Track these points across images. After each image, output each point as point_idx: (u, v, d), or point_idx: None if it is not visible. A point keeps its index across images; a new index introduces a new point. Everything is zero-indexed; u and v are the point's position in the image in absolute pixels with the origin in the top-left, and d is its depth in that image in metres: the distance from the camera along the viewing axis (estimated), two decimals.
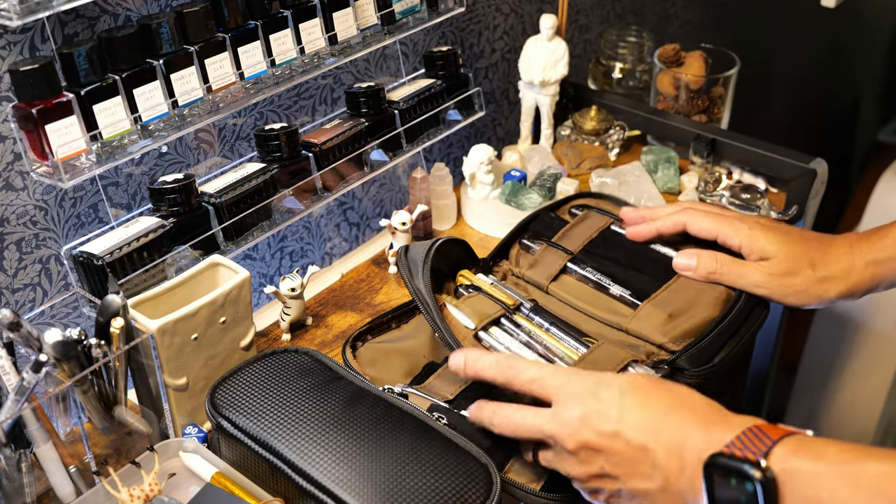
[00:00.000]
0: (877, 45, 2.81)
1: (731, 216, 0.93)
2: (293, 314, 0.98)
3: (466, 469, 0.72)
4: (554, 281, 0.96)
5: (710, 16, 1.94)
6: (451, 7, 1.17)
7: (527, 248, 1.01)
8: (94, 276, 0.87)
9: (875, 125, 2.91)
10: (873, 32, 2.74)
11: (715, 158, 1.25)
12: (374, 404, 0.78)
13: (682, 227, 0.94)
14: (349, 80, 1.16)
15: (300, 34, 0.99)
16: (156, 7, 0.92)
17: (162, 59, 0.87)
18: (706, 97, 1.34)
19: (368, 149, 1.09)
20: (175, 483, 0.78)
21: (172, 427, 0.86)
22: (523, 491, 0.76)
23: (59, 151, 0.81)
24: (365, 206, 1.25)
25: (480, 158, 1.14)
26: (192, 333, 0.83)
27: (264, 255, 1.13)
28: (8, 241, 0.88)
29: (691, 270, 0.91)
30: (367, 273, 1.10)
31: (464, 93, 1.19)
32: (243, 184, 0.97)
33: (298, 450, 0.74)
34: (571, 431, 0.67)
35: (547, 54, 1.22)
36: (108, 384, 0.78)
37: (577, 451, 0.67)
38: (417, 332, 0.92)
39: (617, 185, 1.20)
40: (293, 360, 0.83)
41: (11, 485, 0.73)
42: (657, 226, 0.95)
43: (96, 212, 0.94)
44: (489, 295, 0.91)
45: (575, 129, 1.31)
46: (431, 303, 0.85)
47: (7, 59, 0.82)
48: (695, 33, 1.90)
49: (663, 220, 0.95)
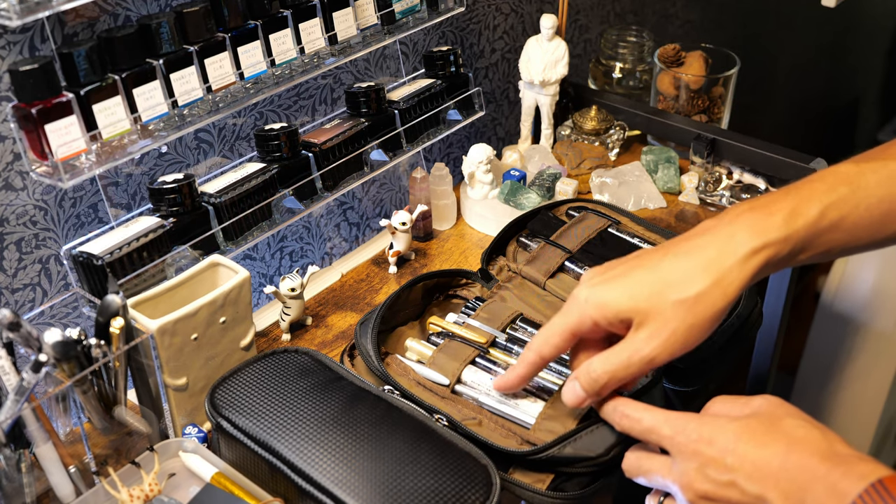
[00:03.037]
0: (877, 45, 2.81)
1: (567, 303, 0.74)
2: (293, 314, 0.98)
3: (466, 470, 0.72)
4: (551, 278, 0.96)
5: (710, 16, 1.94)
6: (451, 7, 1.17)
7: (524, 245, 1.01)
8: (93, 276, 0.87)
9: (875, 125, 2.91)
10: (873, 32, 2.74)
11: (715, 158, 1.25)
12: (374, 405, 0.78)
13: (538, 363, 0.76)
14: (349, 80, 1.16)
15: (300, 34, 0.99)
16: (156, 7, 0.92)
17: (162, 59, 0.87)
18: (706, 97, 1.34)
19: (368, 149, 1.09)
20: (175, 483, 0.78)
21: (172, 427, 0.86)
22: (529, 491, 0.76)
23: (59, 151, 0.81)
24: (365, 206, 1.25)
25: (479, 158, 1.14)
26: (192, 333, 0.83)
27: (264, 255, 1.13)
28: (8, 241, 0.88)
29: (585, 397, 0.72)
30: (367, 273, 1.10)
31: (464, 93, 1.19)
32: (243, 184, 0.97)
33: (298, 450, 0.74)
34: (688, 482, 0.65)
35: (547, 54, 1.22)
36: (107, 384, 0.78)
37: (696, 501, 0.65)
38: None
39: (617, 185, 1.20)
40: (293, 360, 0.83)
41: (11, 485, 0.73)
42: (517, 374, 0.77)
43: (96, 212, 0.94)
44: (461, 338, 0.87)
45: (575, 128, 1.31)
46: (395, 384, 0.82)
47: (7, 59, 0.82)
48: (695, 33, 1.90)
49: (518, 369, 0.77)
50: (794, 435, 0.63)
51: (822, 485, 0.59)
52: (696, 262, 0.69)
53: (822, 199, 0.70)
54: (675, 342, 0.68)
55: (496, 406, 0.81)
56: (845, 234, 0.70)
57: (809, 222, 0.69)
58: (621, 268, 0.72)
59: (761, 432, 0.64)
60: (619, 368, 0.70)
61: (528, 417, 0.80)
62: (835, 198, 0.70)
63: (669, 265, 0.70)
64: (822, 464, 0.60)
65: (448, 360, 0.85)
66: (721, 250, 0.69)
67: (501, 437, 0.79)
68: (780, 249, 0.69)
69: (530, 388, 0.82)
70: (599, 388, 0.71)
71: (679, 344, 0.69)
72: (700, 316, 0.68)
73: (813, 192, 0.70)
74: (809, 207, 0.69)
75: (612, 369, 0.70)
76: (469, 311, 0.92)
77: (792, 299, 1.28)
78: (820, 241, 0.70)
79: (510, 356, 0.86)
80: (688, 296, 0.68)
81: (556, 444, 0.75)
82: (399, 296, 0.91)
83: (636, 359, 0.69)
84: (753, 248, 0.68)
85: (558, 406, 0.80)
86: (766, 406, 0.66)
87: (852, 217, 0.70)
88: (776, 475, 0.61)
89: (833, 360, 1.76)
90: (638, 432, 0.70)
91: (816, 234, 0.69)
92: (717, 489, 0.64)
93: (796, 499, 0.60)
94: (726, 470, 0.63)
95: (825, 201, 0.69)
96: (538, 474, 0.76)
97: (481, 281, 0.97)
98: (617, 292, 0.70)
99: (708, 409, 0.69)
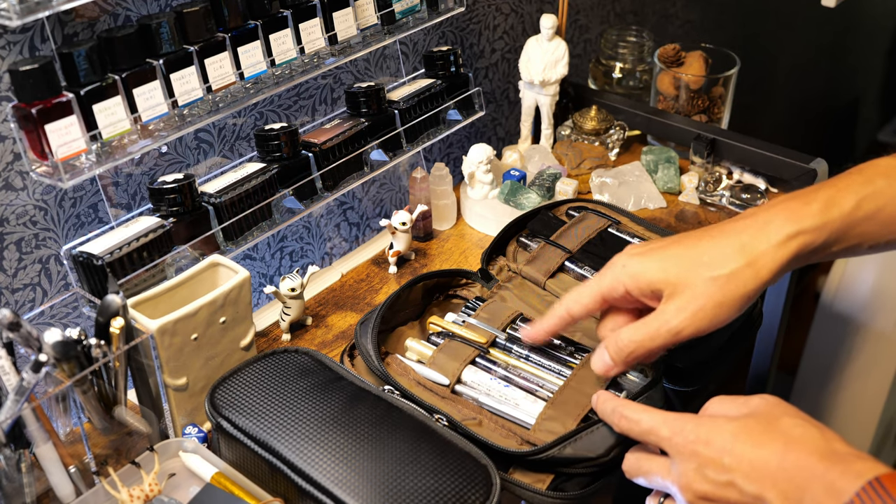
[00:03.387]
0: (877, 45, 2.81)
1: (604, 268, 0.77)
2: (293, 314, 0.98)
3: (466, 470, 0.72)
4: (551, 278, 0.96)
5: (710, 16, 1.94)
6: (451, 7, 1.17)
7: (525, 245, 1.01)
8: (93, 276, 0.87)
9: (875, 125, 2.91)
10: (873, 32, 2.74)
11: (715, 158, 1.25)
12: (374, 405, 0.78)
13: (566, 319, 0.80)
14: (349, 80, 1.16)
15: (300, 34, 0.99)
16: (156, 7, 0.92)
17: (162, 59, 0.87)
18: (706, 97, 1.34)
19: (368, 149, 1.09)
20: (175, 483, 0.78)
21: (172, 427, 0.86)
22: (529, 491, 0.76)
23: (59, 151, 0.81)
24: (365, 206, 1.25)
25: (479, 158, 1.14)
26: (192, 333, 0.83)
27: (264, 255, 1.13)
28: (8, 241, 0.88)
29: (612, 366, 0.76)
30: (367, 273, 1.10)
31: (464, 93, 1.19)
32: (243, 184, 0.97)
33: (298, 450, 0.74)
34: (687, 483, 0.65)
35: (547, 54, 1.22)
36: (107, 384, 0.78)
37: (695, 502, 0.65)
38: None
39: (617, 185, 1.20)
40: (293, 360, 0.83)
41: (11, 485, 0.73)
42: (544, 328, 0.82)
43: (96, 212, 0.94)
44: (461, 338, 0.88)
45: (575, 128, 1.31)
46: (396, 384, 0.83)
47: (7, 59, 0.82)
48: (695, 33, 1.90)
49: (546, 322, 0.82)
50: (791, 434, 0.63)
51: (819, 483, 0.59)
52: (731, 244, 0.71)
53: (859, 190, 0.71)
54: (703, 317, 0.70)
55: (496, 406, 0.81)
56: (881, 226, 0.72)
57: (845, 212, 0.71)
58: (661, 243, 0.75)
59: (759, 432, 0.64)
60: (646, 339, 0.72)
61: (528, 417, 0.80)
62: (871, 190, 0.71)
63: (706, 245, 0.72)
64: (819, 463, 0.60)
65: (448, 360, 0.85)
66: (756, 235, 0.71)
67: (501, 437, 0.79)
68: (815, 238, 0.70)
69: (530, 388, 0.83)
70: (626, 355, 0.74)
71: (707, 320, 0.71)
72: (730, 295, 0.70)
73: (850, 184, 0.72)
74: (846, 198, 0.71)
75: (640, 339, 0.73)
76: (469, 311, 0.92)
77: (792, 299, 1.28)
78: (855, 231, 0.71)
79: (510, 356, 0.86)
80: (720, 274, 0.70)
81: (556, 444, 0.75)
82: (399, 296, 0.91)
83: (664, 330, 0.71)
84: (788, 235, 0.70)
85: (558, 406, 0.80)
86: (763, 405, 0.66)
87: (888, 209, 0.71)
88: (774, 475, 0.61)
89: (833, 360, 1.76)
90: (637, 434, 0.70)
91: (852, 224, 0.71)
92: (716, 489, 0.64)
93: (794, 498, 0.60)
94: (724, 470, 0.63)
95: (861, 193, 0.71)
96: (538, 474, 0.76)
97: (481, 281, 0.97)
98: (653, 264, 0.73)
99: (706, 409, 0.69)
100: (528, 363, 0.85)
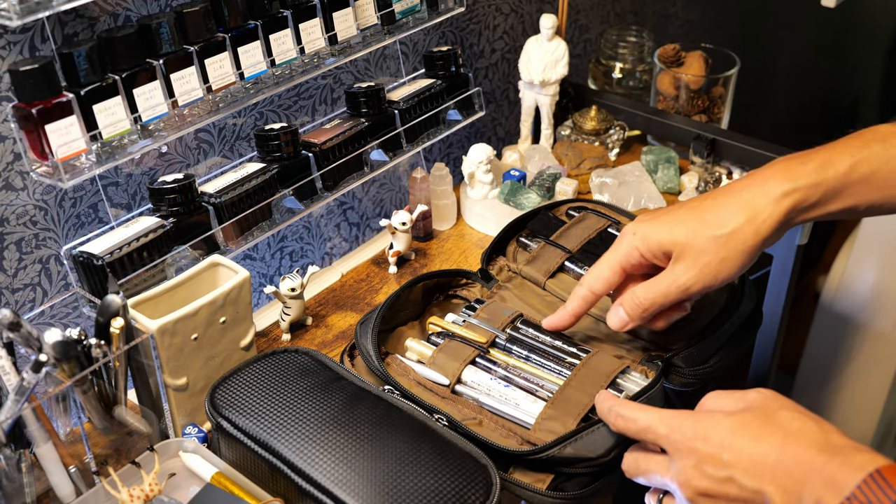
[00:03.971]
0: (877, 45, 2.80)
1: (616, 241, 0.82)
2: (293, 314, 0.98)
3: (466, 470, 0.72)
4: (551, 278, 0.96)
5: (710, 16, 1.94)
6: (451, 7, 1.17)
7: (524, 245, 1.01)
8: (94, 276, 0.87)
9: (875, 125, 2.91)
10: (873, 32, 2.73)
11: (715, 158, 1.25)
12: (374, 405, 0.78)
13: (590, 299, 0.84)
14: (349, 80, 1.16)
15: (300, 34, 0.99)
16: (156, 7, 0.92)
17: (162, 59, 0.87)
18: (706, 97, 1.34)
19: (368, 149, 1.09)
20: (175, 483, 0.78)
21: (172, 427, 0.86)
22: (529, 490, 0.76)
23: (59, 151, 0.81)
24: (365, 206, 1.25)
25: (479, 158, 1.14)
26: (192, 333, 0.83)
27: (264, 255, 1.13)
28: (8, 241, 0.88)
29: (629, 321, 0.82)
30: (367, 273, 1.10)
31: (464, 93, 1.19)
32: (243, 184, 0.97)
33: (298, 450, 0.74)
34: (686, 480, 0.65)
35: (547, 54, 1.22)
36: (108, 384, 0.78)
37: (695, 499, 0.65)
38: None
39: (617, 185, 1.20)
40: (293, 360, 0.83)
41: (11, 485, 0.73)
42: (569, 311, 0.85)
43: (96, 212, 0.94)
44: (461, 338, 0.87)
45: (575, 129, 1.31)
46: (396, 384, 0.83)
47: (7, 59, 0.82)
48: (695, 33, 1.90)
49: (571, 305, 0.85)
50: (789, 428, 0.63)
51: (819, 477, 0.59)
52: (732, 203, 0.76)
53: (855, 153, 0.75)
54: (707, 273, 0.76)
55: (496, 406, 0.81)
56: (875, 189, 0.75)
57: (840, 173, 0.74)
58: (668, 209, 0.81)
59: (756, 426, 0.64)
60: (658, 295, 0.79)
61: (528, 417, 0.80)
62: (867, 153, 0.75)
63: (709, 206, 0.77)
64: (818, 456, 0.60)
65: (448, 360, 0.85)
66: (755, 192, 0.75)
67: (502, 437, 0.79)
68: (810, 194, 0.74)
69: (530, 388, 0.83)
70: (642, 311, 0.80)
71: (711, 276, 0.76)
72: (733, 251, 0.75)
73: (847, 147, 0.76)
74: (841, 159, 0.75)
75: (653, 296, 0.79)
76: (469, 311, 0.92)
77: (792, 299, 1.28)
78: (849, 192, 0.75)
79: (510, 356, 0.86)
80: (722, 232, 0.75)
81: (556, 444, 0.75)
82: (399, 296, 0.91)
83: (674, 287, 0.77)
84: (785, 192, 0.74)
85: (559, 406, 0.80)
86: (760, 399, 0.66)
87: (882, 173, 0.74)
88: (773, 469, 0.61)
89: (833, 360, 1.76)
90: (634, 432, 0.70)
91: (846, 184, 0.74)
92: (715, 485, 0.64)
93: (794, 492, 0.60)
94: (723, 466, 0.63)
95: (857, 156, 0.75)
96: (538, 474, 0.76)
97: (481, 281, 0.97)
98: (661, 227, 0.78)
99: (703, 404, 0.69)
100: (528, 363, 0.85)
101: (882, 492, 0.56)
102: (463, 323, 0.90)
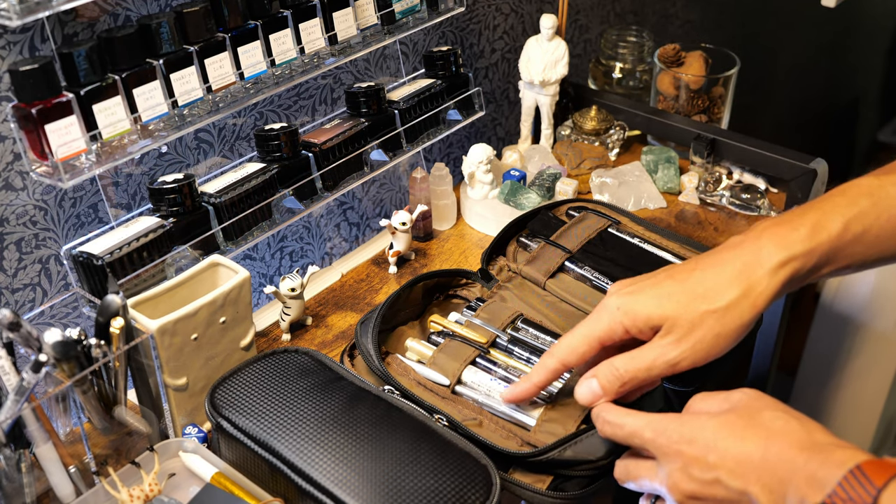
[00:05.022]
0: (877, 45, 2.81)
1: (595, 312, 0.75)
2: (293, 314, 0.98)
3: (466, 470, 0.72)
4: (551, 278, 0.96)
5: (710, 16, 1.94)
6: (451, 7, 1.17)
7: (524, 245, 1.01)
8: (93, 276, 0.87)
9: (875, 125, 2.91)
10: (873, 32, 2.74)
11: (715, 158, 1.25)
12: (374, 405, 0.78)
13: (559, 371, 0.76)
14: (349, 80, 1.16)
15: (300, 34, 0.99)
16: (156, 7, 0.92)
17: (162, 59, 0.87)
18: (706, 97, 1.34)
19: (368, 149, 1.09)
20: (175, 483, 0.78)
21: (172, 427, 0.86)
22: (529, 491, 0.76)
23: (59, 151, 0.81)
24: (365, 206, 1.25)
25: (479, 158, 1.14)
26: (192, 333, 0.83)
27: (264, 255, 1.13)
28: (8, 241, 0.88)
29: (601, 395, 0.73)
30: (367, 273, 1.10)
31: (464, 93, 1.19)
32: (243, 184, 0.97)
33: (298, 450, 0.74)
34: (674, 483, 0.65)
35: (547, 54, 1.22)
36: (107, 384, 0.78)
37: (683, 502, 0.65)
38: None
39: (617, 185, 1.20)
40: (293, 361, 0.83)
41: (11, 485, 0.73)
42: (533, 382, 0.78)
43: (96, 212, 0.94)
44: (462, 338, 0.87)
45: (575, 129, 1.31)
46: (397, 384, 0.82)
47: (7, 59, 0.82)
48: (695, 33, 1.90)
49: (536, 376, 0.78)
50: (772, 427, 0.63)
51: (801, 475, 0.59)
52: (725, 275, 0.70)
53: (845, 212, 0.71)
54: (700, 349, 0.70)
55: (497, 407, 0.81)
56: (868, 246, 0.72)
57: (833, 235, 0.70)
58: (651, 279, 0.74)
59: (741, 427, 0.64)
60: (641, 369, 0.71)
61: (528, 419, 0.80)
62: (857, 211, 0.71)
63: (699, 277, 0.71)
64: (800, 454, 0.60)
65: (448, 360, 0.85)
66: (749, 263, 0.70)
67: (502, 438, 0.79)
68: (805, 262, 0.70)
69: None
70: (620, 385, 0.72)
71: (704, 352, 0.70)
72: (728, 326, 0.70)
73: (835, 206, 0.72)
74: (832, 221, 0.71)
75: (635, 370, 0.71)
76: (469, 311, 0.92)
77: (792, 299, 1.28)
78: (843, 253, 0.71)
79: (510, 357, 0.86)
80: (718, 306, 0.69)
81: (556, 446, 0.75)
82: (399, 296, 0.91)
83: (660, 361, 0.70)
84: (780, 261, 0.70)
85: (559, 408, 0.80)
86: (744, 399, 0.66)
87: (874, 229, 0.71)
88: (758, 469, 0.61)
89: (833, 361, 1.76)
90: (621, 437, 0.70)
91: (840, 246, 0.71)
92: (702, 488, 0.64)
93: (778, 491, 0.60)
94: (709, 468, 0.63)
95: (847, 215, 0.71)
96: (538, 474, 0.76)
97: (481, 281, 0.97)
98: (648, 301, 0.71)
99: (689, 407, 0.69)
100: (528, 365, 0.85)
101: (862, 487, 0.56)
102: (464, 323, 0.90)
